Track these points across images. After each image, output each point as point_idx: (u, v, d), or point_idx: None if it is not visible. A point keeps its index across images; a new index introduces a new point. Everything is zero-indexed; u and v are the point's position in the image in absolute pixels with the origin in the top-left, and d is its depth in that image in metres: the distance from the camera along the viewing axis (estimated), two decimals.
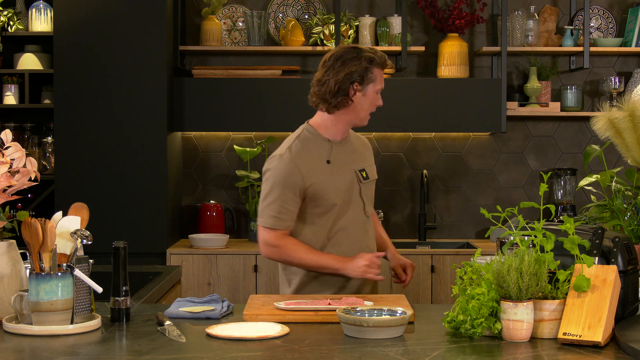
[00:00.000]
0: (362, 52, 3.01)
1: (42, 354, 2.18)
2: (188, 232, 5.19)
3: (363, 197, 3.09)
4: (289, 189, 2.97)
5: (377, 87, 3.03)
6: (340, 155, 3.07)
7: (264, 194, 3.03)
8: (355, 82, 3.00)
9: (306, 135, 3.07)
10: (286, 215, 2.99)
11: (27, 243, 2.39)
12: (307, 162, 3.00)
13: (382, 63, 3.03)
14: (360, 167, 3.10)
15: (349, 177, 3.06)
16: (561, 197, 5.19)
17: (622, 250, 2.36)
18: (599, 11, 5.31)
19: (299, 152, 3.01)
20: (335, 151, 3.06)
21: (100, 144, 4.72)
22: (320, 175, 3.00)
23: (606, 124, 2.96)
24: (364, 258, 2.97)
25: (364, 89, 3.01)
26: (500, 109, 4.93)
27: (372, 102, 3.05)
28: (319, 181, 2.99)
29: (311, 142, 3.05)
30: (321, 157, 3.04)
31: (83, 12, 4.71)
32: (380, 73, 3.03)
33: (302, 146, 3.03)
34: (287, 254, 3.01)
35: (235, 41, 5.25)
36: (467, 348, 2.20)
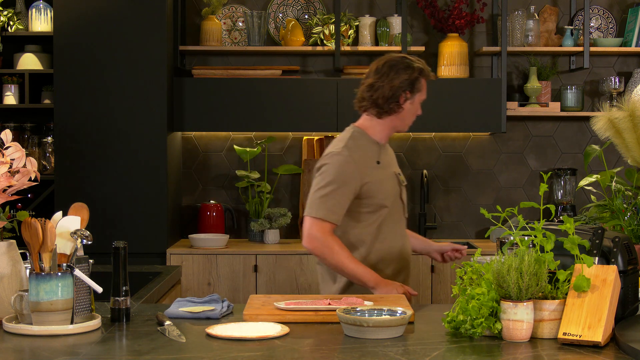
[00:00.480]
0: (413, 62, 3.16)
1: (42, 354, 2.18)
2: (188, 232, 5.19)
3: (403, 199, 3.23)
4: (346, 185, 3.05)
5: (422, 97, 3.18)
6: (385, 158, 3.21)
7: (319, 187, 3.06)
8: (407, 90, 3.13)
9: (356, 136, 3.17)
10: (338, 209, 3.04)
11: (27, 243, 2.39)
12: (363, 161, 3.11)
13: (428, 74, 3.19)
14: (397, 172, 3.27)
15: (393, 179, 3.21)
16: (561, 197, 5.19)
17: (622, 250, 2.36)
18: (599, 11, 5.31)
19: (355, 150, 3.11)
20: (382, 154, 3.20)
21: (100, 144, 4.72)
22: (373, 174, 3.11)
23: (606, 124, 2.96)
24: (398, 291, 3.02)
25: (412, 97, 3.15)
26: (500, 109, 4.93)
27: (416, 111, 3.20)
28: (372, 180, 3.10)
29: (363, 142, 3.16)
30: (372, 158, 3.15)
31: (83, 12, 4.71)
32: (425, 83, 3.19)
33: (357, 145, 3.13)
34: (330, 252, 3.02)
35: (235, 41, 5.25)
36: (467, 348, 2.20)
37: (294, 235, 5.21)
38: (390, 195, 3.15)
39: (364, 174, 3.07)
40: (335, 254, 3.01)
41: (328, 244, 3.01)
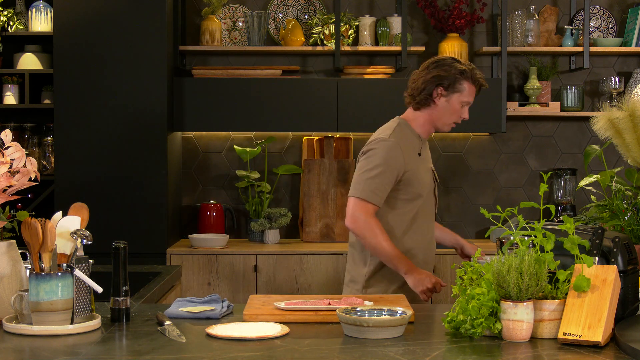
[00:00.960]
0: (458, 63, 3.24)
1: (42, 354, 2.18)
2: (188, 232, 5.19)
3: (436, 195, 3.34)
4: (391, 170, 3.15)
5: (462, 99, 3.24)
6: (425, 152, 3.32)
7: (365, 169, 3.17)
8: (441, 86, 3.21)
9: (401, 127, 3.26)
10: (381, 192, 3.15)
11: (27, 243, 2.39)
12: (407, 150, 3.20)
13: (474, 78, 3.23)
14: (433, 168, 3.36)
15: (430, 174, 3.30)
16: (561, 197, 5.19)
17: (622, 250, 2.36)
18: (599, 11, 5.31)
19: (402, 138, 3.22)
20: (424, 147, 3.31)
21: (100, 144, 4.71)
22: (415, 163, 3.21)
23: (606, 124, 2.96)
24: (431, 281, 3.08)
25: (448, 95, 3.22)
26: (500, 109, 4.93)
27: (455, 111, 3.25)
28: (414, 168, 3.20)
29: (406, 134, 3.25)
30: (415, 149, 3.24)
31: (83, 12, 4.71)
32: (469, 87, 3.23)
33: (403, 134, 3.24)
34: (371, 233, 3.12)
35: (235, 41, 5.25)
36: (467, 348, 2.20)
37: (294, 235, 5.21)
38: (426, 187, 3.25)
39: (407, 162, 3.18)
40: (375, 235, 3.12)
41: (370, 225, 3.12)
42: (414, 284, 3.08)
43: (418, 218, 3.24)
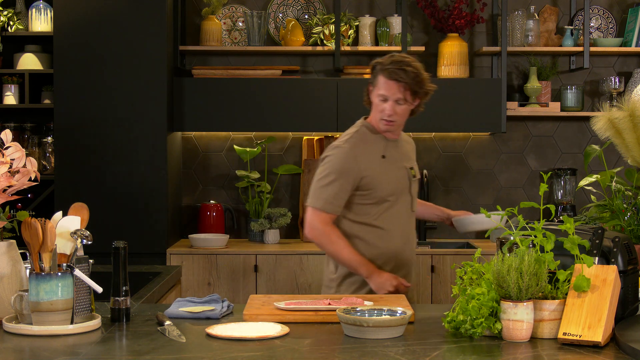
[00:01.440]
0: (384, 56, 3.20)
1: (42, 354, 2.18)
2: (188, 232, 5.19)
3: (412, 193, 3.28)
4: (345, 177, 3.14)
5: (379, 92, 3.17)
6: (394, 152, 3.26)
7: (320, 177, 3.18)
8: (370, 83, 3.23)
9: (364, 130, 3.24)
10: (337, 201, 3.15)
11: (27, 243, 2.39)
12: (365, 154, 3.17)
13: (385, 70, 3.13)
14: (409, 166, 3.30)
15: (401, 173, 3.25)
16: (561, 197, 5.19)
17: (622, 250, 2.36)
18: (599, 11, 5.30)
19: (357, 144, 3.20)
20: (390, 147, 3.25)
21: (100, 144, 4.72)
22: (375, 167, 3.17)
23: (606, 124, 2.96)
24: (392, 284, 3.09)
25: (372, 90, 3.22)
26: (500, 109, 4.93)
27: (376, 106, 3.21)
28: (373, 174, 3.16)
29: (369, 136, 3.23)
30: (377, 151, 3.20)
31: (83, 12, 4.71)
32: (382, 80, 3.14)
33: (361, 139, 3.21)
34: (327, 241, 3.15)
35: (235, 41, 5.25)
36: (467, 348, 2.20)
37: (294, 235, 5.21)
38: (394, 189, 3.19)
39: (365, 167, 3.15)
40: (332, 243, 3.14)
41: (326, 234, 3.14)
42: (376, 287, 3.10)
43: (388, 221, 3.19)
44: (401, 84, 3.12)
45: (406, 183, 3.25)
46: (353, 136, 3.21)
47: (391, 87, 3.13)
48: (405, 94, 3.14)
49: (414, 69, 3.14)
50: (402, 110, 3.18)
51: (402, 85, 3.12)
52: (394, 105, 3.15)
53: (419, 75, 3.15)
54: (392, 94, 3.13)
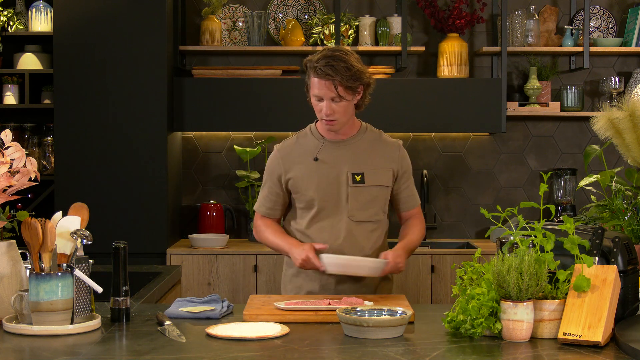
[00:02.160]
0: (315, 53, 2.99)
1: (42, 354, 2.18)
2: (188, 232, 5.19)
3: (350, 200, 3.02)
4: (271, 179, 3.14)
5: (312, 92, 2.99)
6: (329, 155, 3.05)
7: None
8: (306, 84, 3.05)
9: (305, 132, 3.17)
10: (267, 202, 3.15)
11: (27, 243, 2.39)
12: (293, 156, 3.10)
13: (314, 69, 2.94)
14: (357, 170, 3.04)
15: (335, 178, 3.03)
16: (561, 197, 5.19)
17: (622, 250, 2.36)
18: (599, 11, 5.31)
19: (287, 146, 3.14)
20: (327, 149, 3.06)
21: (100, 144, 4.72)
22: (301, 169, 3.06)
23: (606, 124, 2.96)
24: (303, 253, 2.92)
25: (309, 93, 3.04)
26: (500, 109, 4.93)
27: (314, 107, 3.03)
28: (299, 175, 3.06)
29: (306, 138, 3.13)
30: (310, 153, 3.08)
31: (83, 12, 4.71)
32: (314, 80, 2.95)
33: (295, 141, 3.15)
34: (259, 235, 3.18)
35: (235, 41, 5.25)
36: (467, 348, 2.20)
37: None
38: (323, 193, 3.02)
39: (290, 168, 3.08)
40: (260, 233, 3.16)
41: (257, 228, 3.18)
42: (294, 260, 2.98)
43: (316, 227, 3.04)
44: (331, 82, 2.90)
45: (343, 189, 3.02)
46: (291, 138, 3.16)
47: (322, 86, 2.92)
48: (339, 91, 2.92)
49: (344, 63, 2.90)
50: (342, 107, 2.95)
51: (332, 82, 2.90)
52: (330, 104, 2.94)
53: (350, 68, 2.90)
54: (325, 93, 2.93)
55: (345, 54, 2.95)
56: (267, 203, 3.16)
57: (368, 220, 3.06)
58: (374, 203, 3.06)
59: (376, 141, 3.12)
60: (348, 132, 3.08)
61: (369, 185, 3.04)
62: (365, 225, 3.06)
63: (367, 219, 3.06)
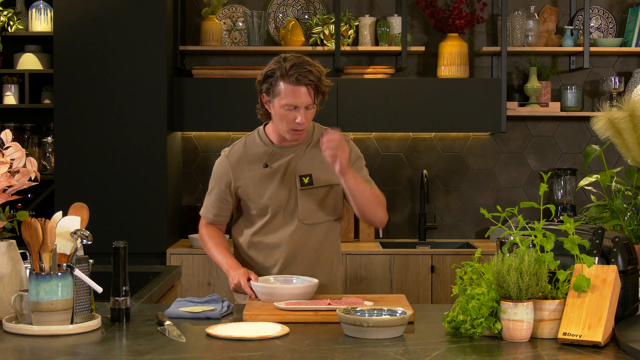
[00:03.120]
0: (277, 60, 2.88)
1: (42, 354, 2.18)
2: (188, 232, 5.19)
3: (300, 204, 2.98)
4: (219, 185, 3.08)
5: (281, 102, 2.86)
6: (282, 160, 3.00)
7: None
8: (263, 92, 2.93)
9: (254, 137, 3.06)
10: (214, 209, 3.13)
11: (27, 243, 2.39)
12: (242, 163, 3.02)
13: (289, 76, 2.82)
14: (304, 172, 2.99)
15: (285, 182, 2.98)
16: (561, 197, 5.19)
17: (622, 250, 2.36)
18: (599, 11, 5.31)
19: (236, 152, 3.04)
20: (277, 155, 3.00)
21: (100, 144, 4.72)
22: (252, 177, 3.00)
23: (606, 124, 2.96)
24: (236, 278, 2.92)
25: (271, 100, 2.90)
26: (500, 109, 4.93)
27: (282, 117, 2.88)
28: (249, 183, 3.00)
29: (255, 144, 3.04)
30: (259, 160, 3.01)
31: (83, 12, 4.71)
32: (287, 86, 2.83)
33: (243, 147, 3.05)
34: (203, 243, 3.19)
35: (235, 41, 5.25)
36: (467, 348, 2.20)
37: None
38: (275, 200, 2.97)
39: (240, 176, 3.01)
40: (204, 242, 3.17)
41: (201, 237, 3.17)
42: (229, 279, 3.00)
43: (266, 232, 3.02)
44: (309, 87, 2.84)
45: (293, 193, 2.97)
46: (239, 143, 3.05)
47: (301, 94, 2.83)
48: (313, 98, 2.86)
49: (316, 67, 2.87)
50: (311, 114, 2.91)
51: (309, 88, 2.84)
52: (304, 112, 2.86)
53: (321, 72, 2.88)
54: (301, 101, 2.84)
55: (309, 58, 2.90)
56: (214, 210, 3.11)
57: (320, 221, 3.02)
58: (326, 204, 3.01)
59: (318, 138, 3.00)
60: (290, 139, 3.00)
61: (317, 186, 2.99)
62: (318, 227, 3.02)
63: (319, 221, 3.02)
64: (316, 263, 3.05)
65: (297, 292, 2.72)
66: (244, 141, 3.07)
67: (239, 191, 3.03)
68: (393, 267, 4.67)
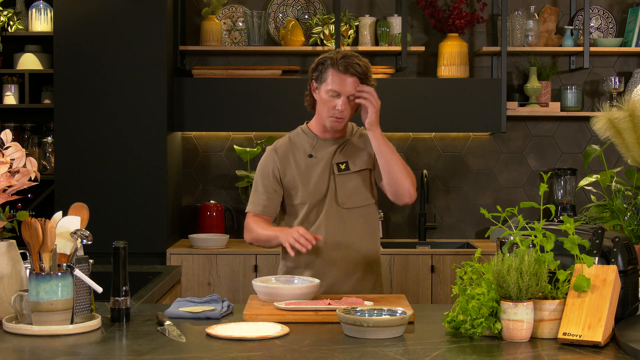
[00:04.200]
0: (329, 52, 3.11)
1: (42, 354, 2.18)
2: (188, 232, 5.19)
3: (337, 188, 3.13)
4: (267, 177, 3.16)
5: (327, 87, 3.06)
6: (324, 150, 3.16)
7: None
8: (313, 79, 3.14)
9: (297, 132, 3.24)
10: (259, 200, 3.17)
11: (27, 243, 2.39)
12: (288, 155, 3.17)
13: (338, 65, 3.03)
14: (341, 160, 3.15)
15: (325, 171, 3.14)
16: (561, 197, 5.19)
17: (622, 250, 2.36)
18: (599, 11, 5.31)
19: (282, 145, 3.20)
20: (320, 146, 3.17)
21: (100, 144, 4.72)
22: (298, 167, 3.14)
23: (606, 124, 2.96)
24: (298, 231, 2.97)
25: (319, 87, 3.11)
26: (500, 109, 4.93)
27: (325, 103, 3.08)
28: (295, 172, 3.14)
29: (300, 137, 3.21)
30: (304, 151, 3.17)
31: (83, 12, 4.71)
32: (334, 74, 3.04)
33: (289, 140, 3.21)
34: (249, 234, 3.16)
35: (235, 41, 5.25)
36: (467, 348, 2.20)
37: None
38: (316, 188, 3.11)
39: (286, 166, 3.15)
40: (252, 231, 3.15)
41: (246, 227, 3.19)
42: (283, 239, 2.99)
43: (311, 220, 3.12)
44: (354, 78, 3.04)
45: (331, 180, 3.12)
46: (284, 138, 3.22)
47: (345, 82, 3.04)
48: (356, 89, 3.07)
49: (364, 62, 3.09)
50: (352, 106, 3.10)
51: (354, 79, 3.04)
52: (346, 100, 3.06)
53: (369, 69, 3.09)
54: (345, 89, 3.04)
55: (361, 56, 3.11)
56: (263, 202, 3.16)
57: (358, 205, 3.17)
58: (362, 188, 3.16)
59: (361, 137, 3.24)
60: (342, 131, 3.21)
61: (353, 172, 3.16)
62: (356, 211, 3.16)
63: (357, 205, 3.17)
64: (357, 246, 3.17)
65: (299, 292, 2.72)
66: (287, 136, 3.23)
67: (285, 181, 3.14)
68: (393, 267, 4.67)
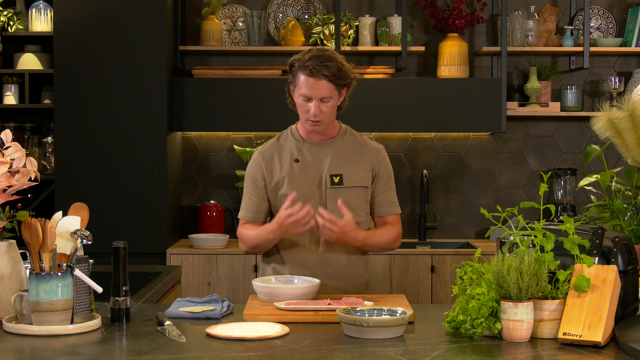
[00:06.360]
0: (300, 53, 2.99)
1: (42, 354, 2.18)
2: (188, 232, 5.19)
3: (329, 202, 3.00)
4: (255, 183, 3.08)
5: (299, 92, 2.95)
6: (312, 156, 3.05)
7: None
8: (290, 83, 3.03)
9: (286, 133, 3.14)
10: (249, 206, 3.10)
11: (27, 243, 2.39)
12: (274, 158, 3.07)
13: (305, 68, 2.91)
14: (335, 172, 3.03)
15: (315, 179, 3.03)
16: (561, 197, 5.19)
17: (622, 250, 2.36)
18: (599, 11, 5.31)
19: (268, 148, 3.10)
20: (308, 150, 3.06)
21: (100, 144, 4.72)
22: (284, 171, 3.04)
23: (606, 124, 2.96)
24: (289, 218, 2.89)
25: (294, 90, 3.01)
26: (500, 109, 4.93)
27: (300, 107, 3.00)
28: (281, 177, 3.04)
29: (287, 140, 3.11)
30: (291, 155, 3.07)
31: (83, 12, 4.71)
32: (304, 78, 2.93)
33: (275, 143, 3.11)
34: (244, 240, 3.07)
35: (235, 41, 5.25)
36: (467, 348, 2.20)
37: None
38: (304, 195, 2.98)
39: (272, 170, 3.05)
40: (246, 237, 3.06)
41: (240, 235, 3.10)
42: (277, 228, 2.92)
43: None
44: (324, 81, 2.92)
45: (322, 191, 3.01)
46: (272, 141, 3.12)
47: (314, 86, 2.92)
48: (329, 91, 2.95)
49: (335, 62, 2.93)
50: (329, 107, 2.97)
51: (324, 82, 2.92)
52: (319, 104, 2.95)
53: (341, 68, 2.95)
54: (315, 93, 2.93)
55: (334, 53, 2.98)
56: (249, 207, 3.09)
57: None
58: (354, 204, 3.02)
59: (356, 143, 3.12)
60: (329, 133, 3.09)
61: (347, 187, 3.03)
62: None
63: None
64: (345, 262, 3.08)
65: (299, 292, 2.72)
66: (276, 138, 3.14)
67: (271, 185, 3.05)
68: (393, 267, 4.67)
